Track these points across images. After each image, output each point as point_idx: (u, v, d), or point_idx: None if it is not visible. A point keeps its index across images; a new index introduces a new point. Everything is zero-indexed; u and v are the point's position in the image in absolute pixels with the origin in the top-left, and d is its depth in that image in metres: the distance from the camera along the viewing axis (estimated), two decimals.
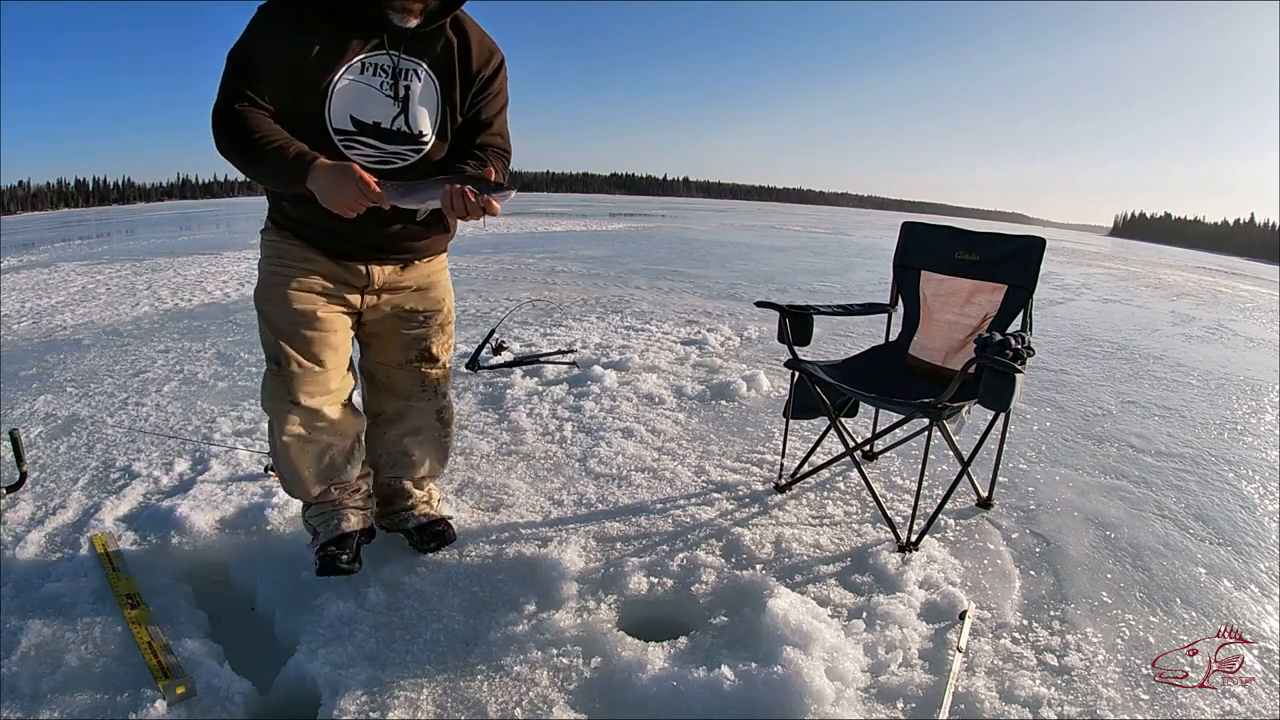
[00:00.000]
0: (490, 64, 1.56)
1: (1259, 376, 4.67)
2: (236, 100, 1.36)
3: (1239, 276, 17.13)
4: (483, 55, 1.55)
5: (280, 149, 1.33)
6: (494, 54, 1.57)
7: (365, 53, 1.43)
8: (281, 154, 1.33)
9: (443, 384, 1.80)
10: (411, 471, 1.85)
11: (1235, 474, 2.73)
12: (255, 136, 1.34)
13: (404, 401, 1.77)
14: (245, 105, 1.36)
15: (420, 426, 1.80)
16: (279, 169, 1.35)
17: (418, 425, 1.80)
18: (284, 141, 1.34)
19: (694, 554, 1.86)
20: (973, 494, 2.28)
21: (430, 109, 1.51)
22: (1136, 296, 9.29)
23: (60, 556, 1.80)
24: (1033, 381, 3.83)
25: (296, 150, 1.34)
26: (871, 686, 1.42)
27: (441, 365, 1.78)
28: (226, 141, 1.37)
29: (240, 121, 1.35)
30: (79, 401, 3.07)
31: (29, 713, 1.28)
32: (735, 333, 4.74)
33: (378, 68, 1.45)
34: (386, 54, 1.45)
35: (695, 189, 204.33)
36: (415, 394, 1.76)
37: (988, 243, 2.27)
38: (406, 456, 1.83)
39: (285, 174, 1.35)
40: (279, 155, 1.33)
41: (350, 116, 1.45)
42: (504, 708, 1.33)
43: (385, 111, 1.46)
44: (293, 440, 1.59)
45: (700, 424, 2.91)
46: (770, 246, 13.74)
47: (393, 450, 1.82)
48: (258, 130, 1.35)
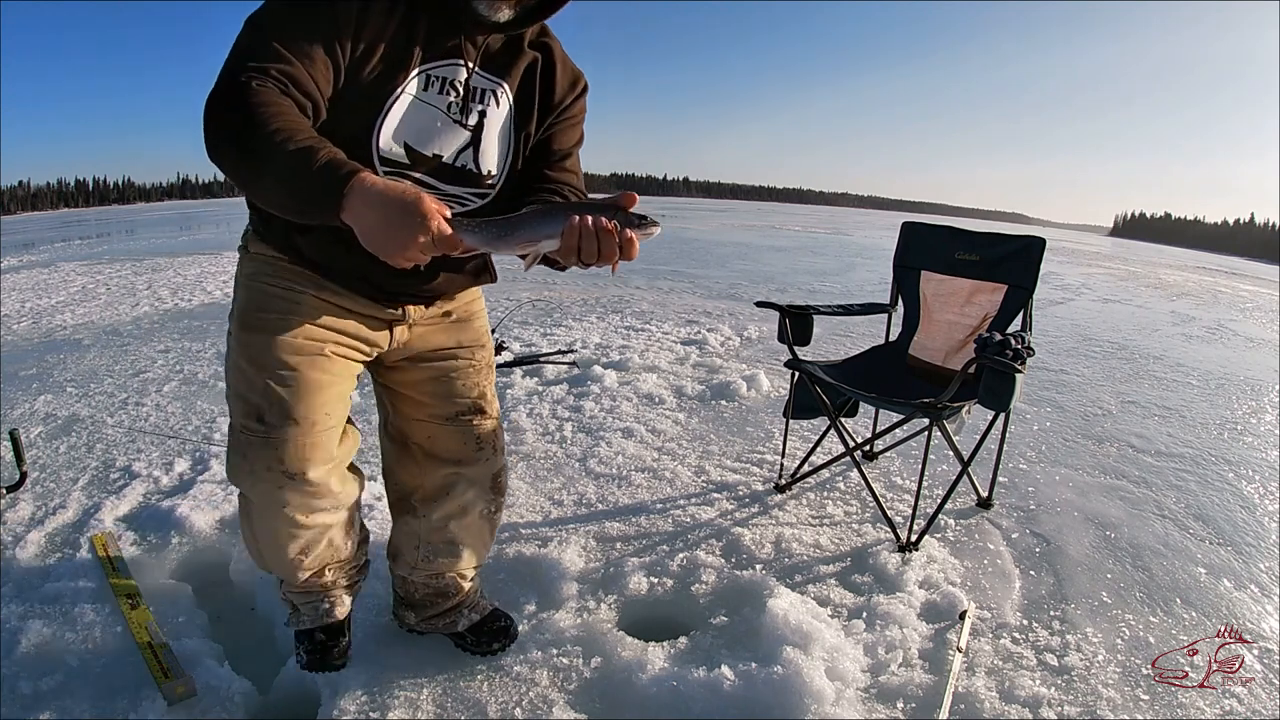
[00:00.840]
0: (574, 90, 1.23)
1: (1259, 376, 4.67)
2: (254, 75, 0.92)
3: (1239, 276, 17.13)
4: (567, 79, 1.22)
5: (306, 151, 0.86)
6: (579, 79, 1.24)
7: (432, 61, 1.07)
8: (307, 158, 0.86)
9: (499, 440, 1.38)
10: (455, 564, 1.41)
11: (1235, 474, 2.73)
12: (271, 128, 0.87)
13: (451, 469, 1.34)
14: (266, 82, 0.92)
15: (469, 503, 1.37)
16: (301, 181, 0.87)
17: (467, 502, 1.36)
18: (312, 141, 0.88)
19: (694, 554, 1.86)
20: (973, 494, 2.28)
21: (503, 144, 1.17)
22: (1136, 296, 9.29)
23: (60, 556, 1.80)
24: (1033, 381, 3.83)
25: (330, 156, 0.87)
26: (871, 686, 1.42)
27: (495, 415, 1.38)
28: (225, 131, 0.90)
29: (253, 102, 0.89)
30: (79, 401, 3.07)
31: (29, 713, 1.27)
32: (735, 333, 4.74)
33: (446, 83, 1.09)
34: (462, 65, 1.09)
35: (695, 189, 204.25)
36: (468, 456, 1.34)
37: (988, 243, 2.27)
38: (452, 546, 1.39)
39: (308, 190, 0.87)
40: (303, 160, 0.86)
41: (405, 143, 1.08)
42: (504, 708, 1.33)
43: (451, 142, 1.11)
44: (283, 528, 1.18)
45: (700, 424, 2.91)
46: (770, 246, 13.74)
47: (432, 540, 1.38)
48: (276, 119, 0.88)
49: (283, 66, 0.94)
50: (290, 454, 1.09)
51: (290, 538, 1.20)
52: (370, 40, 1.02)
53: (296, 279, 1.14)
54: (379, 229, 0.86)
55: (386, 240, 0.86)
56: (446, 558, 1.40)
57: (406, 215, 0.85)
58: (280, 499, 1.13)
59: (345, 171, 0.86)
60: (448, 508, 1.36)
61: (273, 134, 0.87)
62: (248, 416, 1.10)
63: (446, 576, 1.42)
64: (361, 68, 1.02)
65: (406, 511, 1.39)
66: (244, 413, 1.10)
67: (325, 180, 0.86)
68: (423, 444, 1.34)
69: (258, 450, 1.09)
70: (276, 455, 1.09)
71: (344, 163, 0.87)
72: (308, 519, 1.18)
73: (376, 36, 1.02)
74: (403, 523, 1.41)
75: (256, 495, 1.15)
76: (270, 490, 1.12)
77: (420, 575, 1.41)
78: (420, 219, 0.85)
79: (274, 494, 1.12)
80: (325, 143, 0.89)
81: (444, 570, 1.41)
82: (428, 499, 1.36)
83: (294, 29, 0.96)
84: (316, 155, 0.86)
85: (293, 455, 1.09)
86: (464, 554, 1.41)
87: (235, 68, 0.93)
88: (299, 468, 1.10)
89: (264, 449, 1.09)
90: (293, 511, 1.15)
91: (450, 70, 1.09)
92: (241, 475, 1.13)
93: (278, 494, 1.12)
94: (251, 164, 0.91)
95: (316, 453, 1.12)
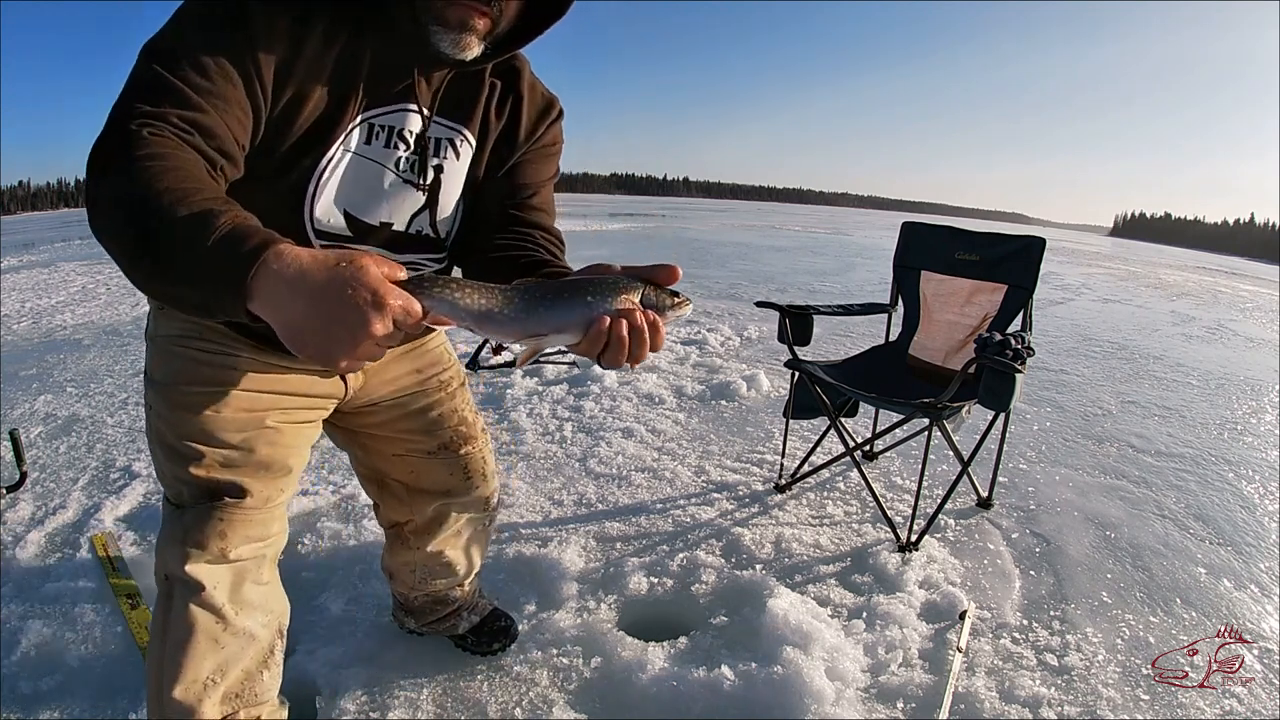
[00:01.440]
0: (547, 117, 1.03)
1: (1259, 376, 4.67)
2: (147, 120, 0.69)
3: (1239, 276, 17.14)
4: (537, 107, 1.01)
5: (202, 218, 0.61)
6: (551, 104, 1.04)
7: (377, 108, 0.86)
8: (201, 227, 0.60)
9: (489, 464, 1.29)
10: (453, 580, 1.38)
11: (1235, 474, 2.73)
12: (158, 187, 0.63)
13: (441, 500, 1.26)
14: (162, 129, 0.69)
15: (463, 528, 1.32)
16: (191, 259, 0.61)
17: (460, 528, 1.31)
18: (211, 204, 0.63)
19: (694, 554, 1.86)
20: (973, 494, 2.28)
21: (460, 191, 0.98)
22: (1136, 296, 9.29)
23: (60, 556, 1.80)
24: (1033, 381, 3.83)
25: (234, 223, 0.61)
26: (871, 686, 1.42)
27: (480, 438, 1.27)
28: (103, 195, 0.66)
29: (139, 155, 0.66)
30: (79, 401, 3.07)
31: (29, 713, 1.28)
32: (735, 333, 4.74)
33: (394, 134, 0.89)
34: (415, 111, 0.89)
35: (695, 189, 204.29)
36: (457, 487, 1.24)
37: (988, 243, 2.28)
38: (448, 567, 1.35)
39: (202, 273, 0.61)
40: (196, 229, 0.60)
41: (347, 211, 0.89)
42: (504, 708, 1.33)
43: (403, 206, 0.93)
44: (205, 627, 0.94)
45: (700, 424, 2.91)
46: (770, 246, 13.74)
47: (428, 564, 1.34)
48: (167, 176, 0.65)
49: (185, 113, 0.71)
50: (235, 529, 0.94)
51: (210, 646, 0.95)
52: (303, 79, 0.80)
53: (225, 339, 0.95)
54: (308, 324, 0.59)
55: (322, 340, 0.59)
56: (444, 578, 1.37)
57: (346, 299, 0.58)
58: (205, 583, 0.93)
59: (253, 245, 0.59)
60: (442, 537, 1.30)
61: (159, 196, 0.63)
62: (192, 495, 0.95)
63: (442, 591, 1.40)
64: (291, 114, 0.81)
65: (399, 541, 1.32)
66: (188, 492, 0.95)
67: (224, 257, 0.59)
68: (405, 480, 1.24)
69: (196, 521, 0.93)
70: (220, 529, 0.93)
71: (252, 232, 0.60)
72: (236, 617, 0.96)
73: (310, 75, 0.80)
74: (396, 550, 1.34)
75: (181, 576, 0.93)
76: (202, 570, 0.93)
77: (419, 593, 1.40)
78: (368, 299, 0.58)
79: (200, 578, 0.92)
80: (232, 206, 0.64)
81: (442, 589, 1.39)
82: (419, 532, 1.29)
83: (203, 61, 0.73)
84: (215, 223, 0.60)
85: (238, 530, 0.95)
86: (461, 571, 1.38)
87: (124, 112, 0.70)
88: (239, 543, 0.95)
89: (205, 519, 0.93)
90: (223, 600, 0.95)
91: (399, 118, 0.88)
92: (171, 550, 0.93)
93: (206, 579, 0.93)
94: (132, 240, 0.63)
95: (259, 529, 0.98)
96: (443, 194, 0.95)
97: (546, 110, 1.03)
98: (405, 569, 1.35)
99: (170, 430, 0.95)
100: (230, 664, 0.97)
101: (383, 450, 1.21)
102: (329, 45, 0.82)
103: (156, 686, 0.97)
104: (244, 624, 0.97)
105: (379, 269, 0.60)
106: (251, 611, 0.98)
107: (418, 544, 1.30)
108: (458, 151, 0.95)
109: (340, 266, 0.59)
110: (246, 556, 0.96)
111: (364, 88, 0.85)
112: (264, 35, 0.77)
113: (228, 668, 0.97)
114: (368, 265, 0.60)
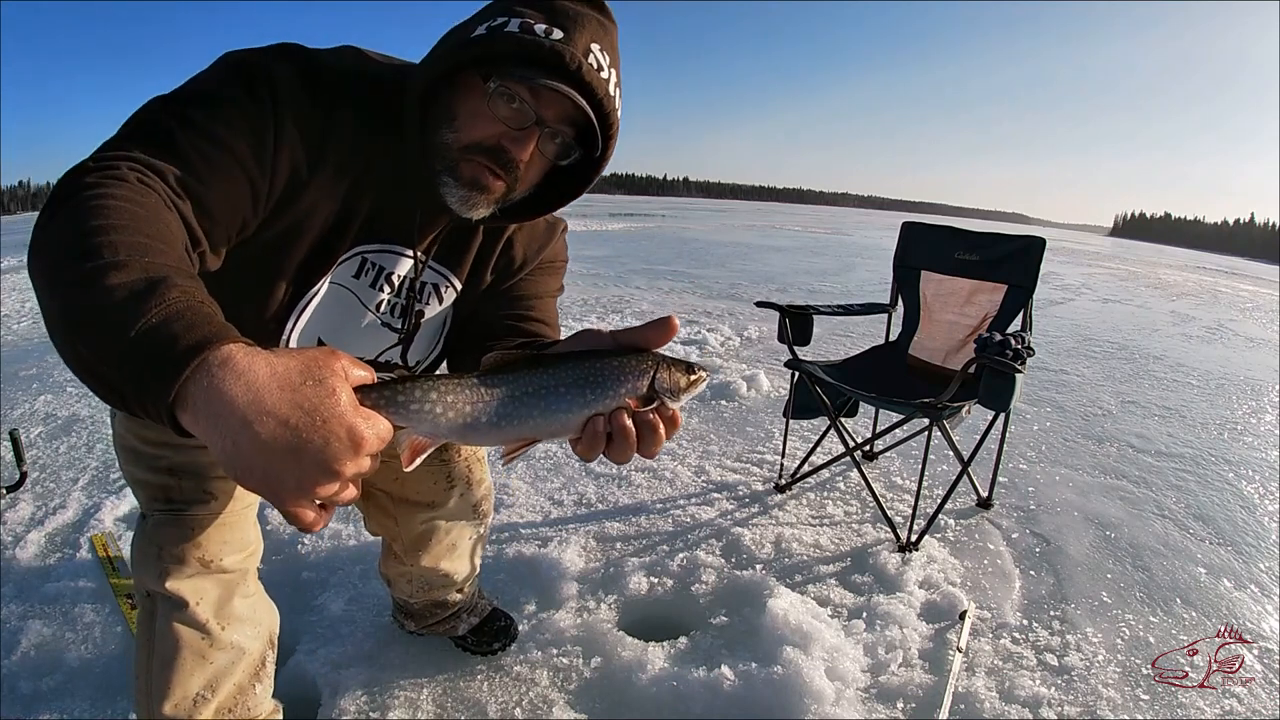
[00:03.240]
0: (547, 243, 0.98)
1: (1259, 376, 4.67)
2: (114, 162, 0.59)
3: (1239, 276, 17.14)
4: (535, 241, 0.97)
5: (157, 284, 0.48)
6: (552, 228, 0.99)
7: (371, 242, 0.83)
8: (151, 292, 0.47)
9: (474, 470, 1.24)
10: (450, 589, 1.37)
11: (1235, 474, 2.74)
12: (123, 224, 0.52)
13: (426, 514, 1.22)
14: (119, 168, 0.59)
15: (455, 539, 1.28)
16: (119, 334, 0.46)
17: (452, 540, 1.27)
18: (163, 270, 0.50)
19: (694, 554, 1.86)
20: (973, 494, 2.28)
21: (438, 332, 0.96)
22: (1136, 296, 9.30)
23: (60, 556, 1.80)
24: (1033, 381, 3.83)
25: (182, 301, 0.48)
26: (871, 686, 1.42)
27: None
28: (39, 239, 0.54)
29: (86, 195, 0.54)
30: (79, 401, 3.06)
31: (29, 713, 1.28)
32: (735, 333, 4.74)
33: (383, 276, 0.86)
34: (409, 256, 0.85)
35: (695, 189, 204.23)
36: (440, 497, 1.21)
37: (988, 243, 2.28)
38: (445, 576, 1.32)
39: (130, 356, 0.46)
40: (134, 300, 0.47)
41: (319, 339, 0.87)
42: (504, 708, 1.33)
43: (375, 344, 0.91)
44: (191, 642, 0.92)
45: (700, 424, 2.91)
46: (770, 246, 13.74)
47: (425, 576, 1.31)
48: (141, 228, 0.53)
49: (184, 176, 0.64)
50: (209, 536, 0.92)
51: (198, 663, 0.93)
52: (309, 202, 0.76)
53: None
54: (255, 459, 0.45)
55: (272, 478, 0.46)
56: (442, 586, 1.35)
57: (310, 434, 0.45)
58: (194, 594, 0.91)
59: (195, 339, 0.46)
60: (434, 551, 1.27)
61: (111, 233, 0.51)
62: (154, 500, 0.93)
63: (442, 595, 1.39)
64: (290, 238, 0.77)
65: (391, 555, 1.31)
66: (149, 497, 0.93)
67: (156, 344, 0.45)
68: (389, 489, 1.20)
69: (167, 531, 0.91)
70: (194, 539, 0.91)
71: (201, 319, 0.47)
72: (223, 632, 0.94)
73: (318, 201, 0.76)
74: (390, 562, 1.33)
75: (168, 590, 0.90)
76: (183, 584, 0.90)
77: (418, 599, 1.39)
78: (341, 435, 0.46)
79: (188, 588, 0.91)
80: (194, 283, 0.51)
81: (441, 595, 1.38)
82: (410, 549, 1.26)
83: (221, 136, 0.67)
84: (164, 294, 0.47)
85: (211, 537, 0.92)
86: (459, 579, 1.35)
87: (115, 148, 0.62)
88: (216, 552, 0.93)
89: (176, 529, 0.91)
90: (207, 614, 0.92)
91: (391, 259, 0.84)
92: (148, 566, 0.91)
93: (192, 592, 0.91)
94: (61, 281, 0.50)
95: (235, 534, 0.95)
96: (419, 336, 0.93)
97: (547, 235, 0.98)
98: (402, 579, 1.34)
99: (128, 430, 0.94)
100: (221, 679, 0.96)
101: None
102: (340, 175, 0.77)
103: (146, 702, 0.95)
104: (231, 638, 0.96)
105: (345, 372, 0.49)
106: (239, 625, 0.97)
107: (410, 560, 1.28)
108: (442, 297, 0.92)
109: (306, 388, 0.46)
110: (233, 567, 0.95)
111: (364, 221, 0.81)
112: (289, 114, 0.71)
113: (219, 683, 0.95)
114: (339, 390, 0.47)
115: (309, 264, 0.80)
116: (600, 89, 0.73)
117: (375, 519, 1.27)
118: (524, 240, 0.95)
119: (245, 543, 0.97)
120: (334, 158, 0.76)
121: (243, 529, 0.97)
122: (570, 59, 0.70)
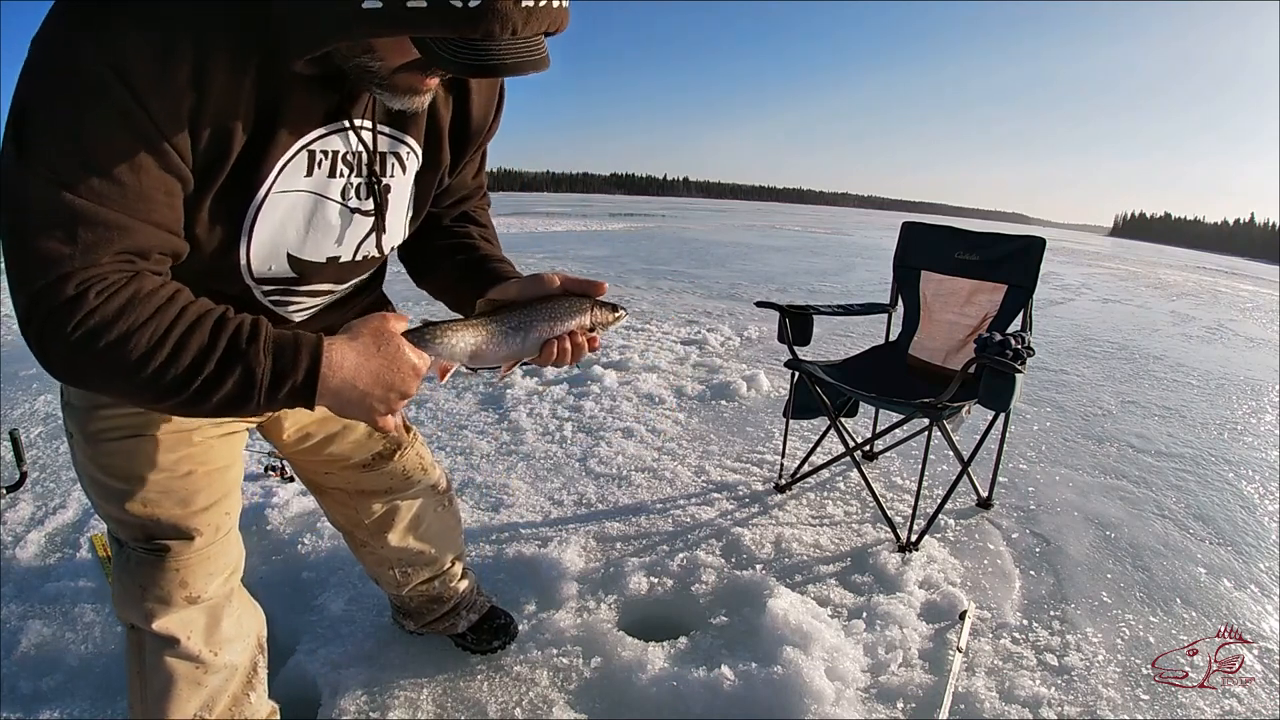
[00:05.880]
0: (496, 103, 0.95)
1: (1259, 376, 4.67)
2: (90, 284, 0.62)
3: (1239, 276, 17.15)
4: (486, 97, 0.92)
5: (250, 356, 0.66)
6: (495, 87, 0.94)
7: (317, 130, 0.75)
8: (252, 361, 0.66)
9: (425, 459, 1.28)
10: (434, 565, 1.36)
11: (1235, 474, 2.74)
12: (181, 335, 0.64)
13: (384, 499, 1.24)
14: (105, 280, 0.63)
15: (419, 515, 1.29)
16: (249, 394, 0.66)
17: (415, 516, 1.29)
18: (245, 331, 0.67)
19: (694, 554, 1.86)
20: (973, 494, 2.28)
21: (406, 211, 0.91)
22: (1136, 296, 9.30)
23: (60, 556, 1.80)
24: (1033, 381, 3.83)
25: (276, 343, 0.68)
26: (871, 686, 1.42)
27: (413, 439, 1.25)
28: (101, 371, 0.66)
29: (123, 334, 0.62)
30: None
31: (29, 713, 1.28)
32: (735, 333, 4.74)
33: (339, 159, 0.79)
34: (359, 130, 0.79)
35: (695, 189, 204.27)
36: (398, 486, 1.24)
37: (988, 243, 2.28)
38: (424, 554, 1.32)
39: (268, 404, 0.68)
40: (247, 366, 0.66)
41: (290, 254, 0.80)
42: (504, 708, 1.33)
43: (351, 237, 0.85)
44: (182, 671, 0.93)
45: (700, 424, 2.91)
46: (770, 246, 13.74)
47: (402, 559, 1.31)
48: (181, 322, 0.65)
49: (116, 246, 0.63)
50: (193, 572, 0.91)
51: (193, 690, 0.94)
52: (215, 118, 0.67)
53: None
54: (360, 405, 0.73)
55: (368, 410, 0.74)
56: (426, 566, 1.34)
57: (393, 381, 0.74)
58: (184, 629, 0.92)
59: (312, 352, 0.68)
60: (399, 529, 1.27)
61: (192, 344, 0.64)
62: (134, 538, 0.90)
63: (435, 584, 1.38)
64: (214, 161, 0.69)
65: (359, 545, 1.30)
66: (129, 536, 0.90)
67: (286, 394, 0.68)
68: (345, 488, 1.22)
69: (150, 572, 0.89)
70: (179, 578, 0.90)
71: (301, 341, 0.69)
72: (216, 657, 0.95)
73: (224, 110, 0.67)
74: (363, 553, 1.32)
75: (156, 630, 0.91)
76: (171, 621, 0.91)
77: (409, 591, 1.37)
78: (409, 372, 0.75)
79: (176, 624, 0.91)
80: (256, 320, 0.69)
81: (430, 578, 1.37)
82: (374, 532, 1.26)
83: (106, 160, 0.61)
84: (257, 350, 0.66)
85: (196, 572, 0.91)
86: (441, 554, 1.35)
87: (47, 278, 0.61)
88: (202, 586, 0.92)
89: (159, 570, 0.89)
90: (199, 646, 0.93)
91: (339, 140, 0.78)
92: (132, 605, 0.90)
93: (179, 626, 0.91)
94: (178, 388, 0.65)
95: (219, 562, 0.94)
96: (390, 214, 0.87)
97: (494, 93, 0.93)
98: (382, 569, 1.33)
99: (92, 462, 0.88)
100: (216, 697, 0.98)
101: (317, 468, 1.19)
102: (237, 74, 0.67)
103: None
104: (224, 660, 0.97)
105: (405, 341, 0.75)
106: (229, 645, 0.98)
107: (378, 543, 1.27)
108: (404, 165, 0.86)
109: (382, 351, 0.73)
110: (218, 593, 0.95)
111: (292, 112, 0.72)
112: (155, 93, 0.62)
113: (214, 702, 0.98)
114: (401, 345, 0.74)
115: (241, 175, 0.72)
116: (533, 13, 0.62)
117: (336, 511, 1.27)
118: (476, 90, 0.90)
119: (228, 564, 0.97)
120: (224, 61, 0.65)
121: (226, 553, 0.96)
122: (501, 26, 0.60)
